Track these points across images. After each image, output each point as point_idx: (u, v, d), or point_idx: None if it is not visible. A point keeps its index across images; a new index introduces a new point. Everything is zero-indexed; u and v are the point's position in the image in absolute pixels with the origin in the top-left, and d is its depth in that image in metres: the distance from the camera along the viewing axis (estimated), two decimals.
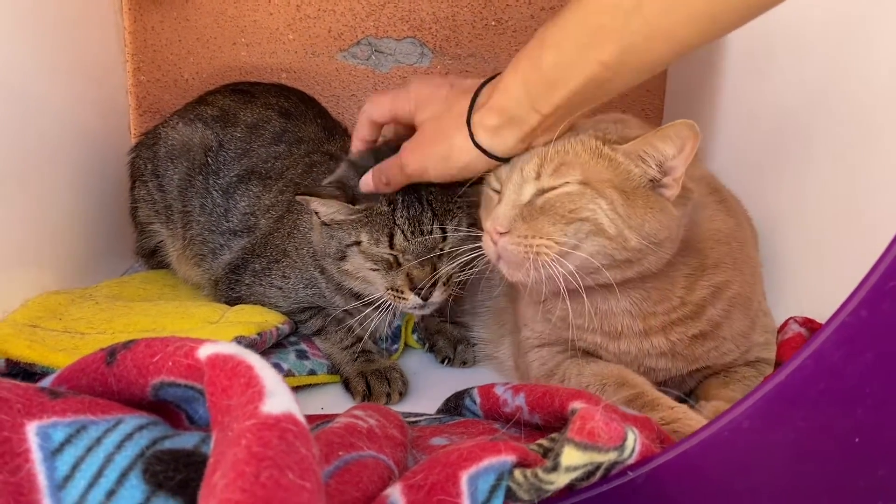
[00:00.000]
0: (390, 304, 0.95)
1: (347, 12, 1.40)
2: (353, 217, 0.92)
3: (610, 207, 0.74)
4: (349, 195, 0.92)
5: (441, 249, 0.93)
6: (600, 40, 0.67)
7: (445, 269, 0.93)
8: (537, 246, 0.74)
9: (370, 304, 0.97)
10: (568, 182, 0.75)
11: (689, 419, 0.75)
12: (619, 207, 0.74)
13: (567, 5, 0.70)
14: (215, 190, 1.13)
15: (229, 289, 1.08)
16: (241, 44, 1.42)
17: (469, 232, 0.90)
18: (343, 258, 0.95)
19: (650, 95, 1.45)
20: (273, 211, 1.09)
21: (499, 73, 0.78)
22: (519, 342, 0.95)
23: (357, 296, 1.00)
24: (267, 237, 1.07)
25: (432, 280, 0.92)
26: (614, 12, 0.65)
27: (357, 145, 0.95)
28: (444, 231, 0.92)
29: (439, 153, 0.81)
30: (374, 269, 0.94)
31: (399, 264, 0.92)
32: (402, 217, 0.91)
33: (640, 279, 0.79)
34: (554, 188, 0.76)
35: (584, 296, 0.77)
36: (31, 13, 1.02)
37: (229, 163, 1.14)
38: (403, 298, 0.93)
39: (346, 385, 0.98)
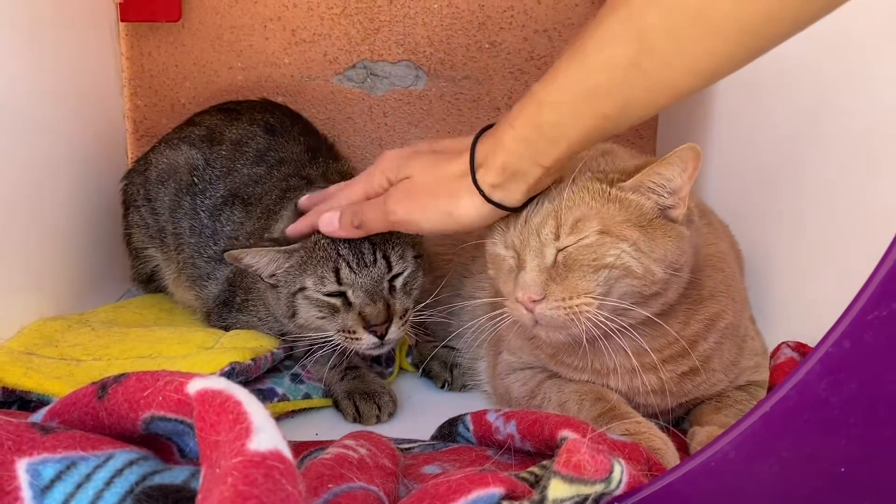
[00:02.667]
0: (341, 347, 0.92)
1: (343, 36, 1.42)
2: (292, 261, 0.91)
3: (633, 248, 0.74)
4: (282, 241, 0.90)
5: (391, 283, 0.92)
6: (600, 97, 0.67)
7: (400, 304, 0.92)
8: (577, 306, 0.73)
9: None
10: (586, 235, 0.75)
11: (653, 436, 0.76)
12: (642, 245, 0.74)
13: (561, 60, 0.69)
14: (202, 210, 1.13)
15: (221, 320, 1.09)
16: (238, 68, 1.43)
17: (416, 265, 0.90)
18: (294, 314, 0.93)
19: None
20: (252, 239, 1.08)
21: (489, 127, 0.77)
22: (496, 365, 0.95)
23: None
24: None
25: (387, 316, 0.90)
26: (612, 70, 0.65)
27: (293, 232, 0.93)
28: (388, 262, 0.91)
29: (441, 208, 0.79)
30: (322, 317, 0.91)
31: (349, 304, 0.91)
32: (344, 248, 0.89)
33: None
34: (574, 243, 0.75)
35: (618, 337, 0.76)
36: (28, 38, 1.03)
37: (215, 181, 1.14)
38: (356, 339, 0.90)
39: (337, 406, 0.99)
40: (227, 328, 1.07)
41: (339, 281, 0.90)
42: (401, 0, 1.40)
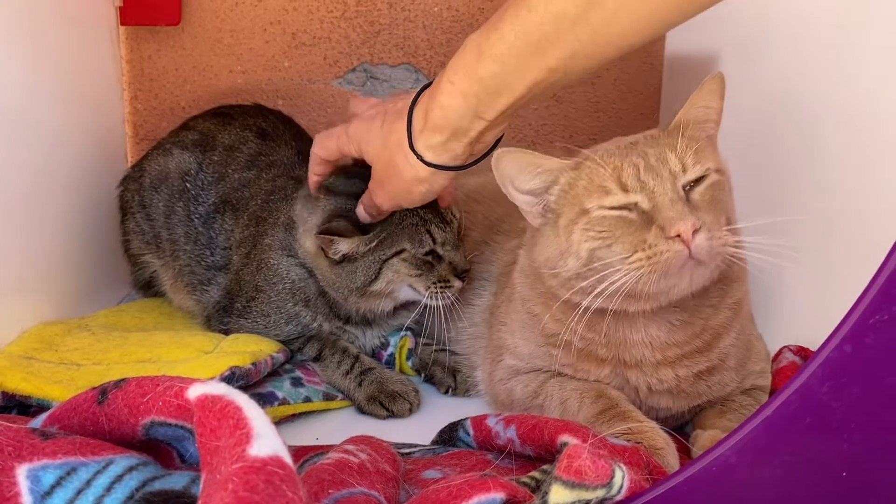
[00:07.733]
0: (427, 303, 0.99)
1: (343, 40, 1.42)
2: (377, 241, 0.96)
3: (727, 186, 0.76)
4: (360, 226, 0.96)
5: (458, 234, 1.01)
6: (545, 48, 0.67)
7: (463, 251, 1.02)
8: (723, 237, 0.70)
9: (357, 323, 1.05)
10: (709, 169, 0.74)
11: (656, 436, 0.75)
12: (726, 185, 0.76)
13: (504, 12, 0.69)
14: (196, 217, 1.13)
15: (221, 325, 1.09)
16: (238, 71, 1.43)
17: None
18: (373, 280, 0.98)
19: (645, 119, 1.46)
20: (243, 247, 1.09)
21: (426, 86, 0.78)
22: (495, 371, 0.94)
23: (346, 319, 1.05)
24: (238, 274, 1.08)
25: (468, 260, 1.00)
26: (559, 21, 0.65)
27: (313, 180, 0.98)
28: (457, 218, 1.01)
29: (401, 189, 0.83)
30: (418, 274, 0.98)
31: (439, 258, 0.98)
32: (427, 213, 0.97)
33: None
34: (701, 178, 0.73)
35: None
36: (28, 42, 1.03)
37: (207, 187, 1.14)
38: (449, 287, 0.99)
39: (360, 410, 1.00)
40: (227, 332, 1.07)
41: (434, 241, 0.98)
42: (401, 3, 1.40)
